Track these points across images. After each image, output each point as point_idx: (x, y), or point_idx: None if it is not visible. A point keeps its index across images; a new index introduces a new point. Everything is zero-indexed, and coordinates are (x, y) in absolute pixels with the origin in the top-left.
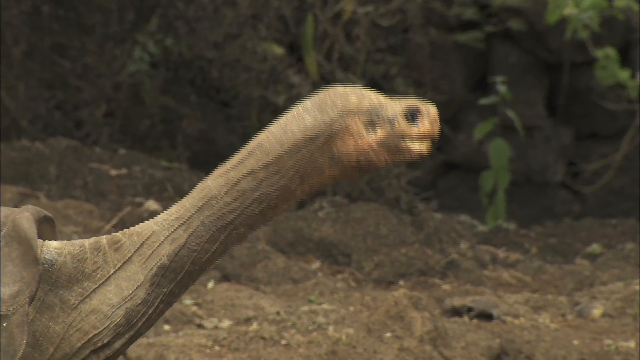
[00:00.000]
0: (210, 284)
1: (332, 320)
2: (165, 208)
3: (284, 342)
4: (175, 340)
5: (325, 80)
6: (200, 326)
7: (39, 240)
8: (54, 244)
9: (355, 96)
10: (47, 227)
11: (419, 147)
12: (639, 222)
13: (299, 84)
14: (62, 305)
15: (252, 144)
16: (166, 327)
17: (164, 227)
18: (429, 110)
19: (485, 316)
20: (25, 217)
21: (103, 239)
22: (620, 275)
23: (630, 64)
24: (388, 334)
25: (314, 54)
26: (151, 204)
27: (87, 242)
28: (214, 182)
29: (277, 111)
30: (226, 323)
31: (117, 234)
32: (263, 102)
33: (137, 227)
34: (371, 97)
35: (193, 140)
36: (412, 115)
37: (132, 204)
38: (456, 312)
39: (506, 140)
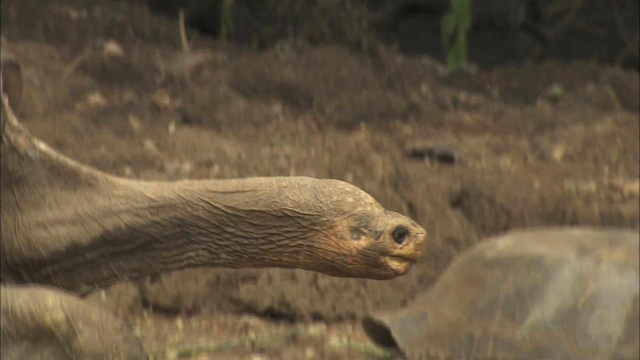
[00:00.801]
0: (172, 127)
1: (293, 164)
2: (125, 50)
3: None
4: None
5: None
6: (161, 169)
7: (34, 138)
8: (43, 146)
9: (352, 198)
10: (12, 72)
11: (397, 266)
12: (600, 64)
13: None
14: (20, 204)
15: (251, 182)
16: (127, 169)
17: (135, 198)
18: (418, 235)
19: (446, 159)
20: None
21: (84, 169)
22: (581, 117)
23: None
24: (349, 177)
25: None
26: (112, 47)
27: (70, 162)
28: (200, 192)
29: None
30: (187, 166)
31: (98, 172)
32: None
33: (115, 179)
34: (366, 205)
35: None
36: (399, 235)
37: (93, 46)
38: (417, 154)
39: None
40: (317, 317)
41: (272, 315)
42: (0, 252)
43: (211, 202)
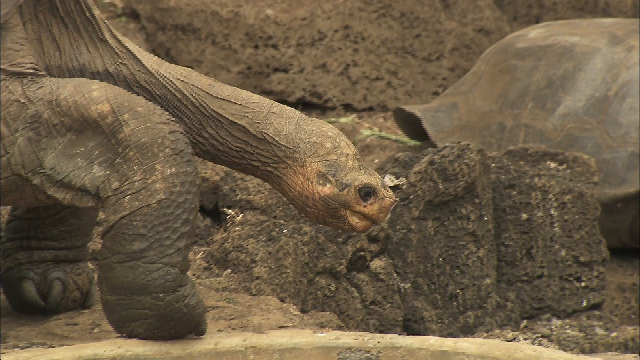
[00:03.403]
0: None
1: None
2: None
3: None
4: None
5: None
6: None
7: None
8: None
9: (330, 144)
10: None
11: (356, 222)
12: None
13: None
14: (52, 28)
15: (245, 96)
16: None
17: (135, 62)
18: (385, 198)
19: None
20: None
21: (100, 18)
22: None
23: None
24: None
25: None
26: None
27: (95, 11)
28: (193, 88)
29: None
30: None
31: (106, 24)
32: None
33: (122, 38)
34: (342, 155)
35: None
36: (366, 193)
37: None
38: None
39: None
40: (348, 108)
41: (304, 105)
42: (38, 55)
43: (200, 101)
